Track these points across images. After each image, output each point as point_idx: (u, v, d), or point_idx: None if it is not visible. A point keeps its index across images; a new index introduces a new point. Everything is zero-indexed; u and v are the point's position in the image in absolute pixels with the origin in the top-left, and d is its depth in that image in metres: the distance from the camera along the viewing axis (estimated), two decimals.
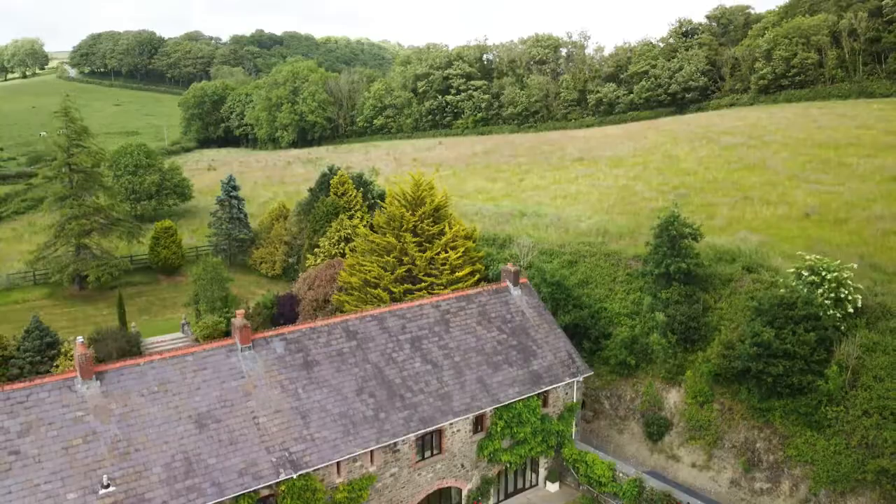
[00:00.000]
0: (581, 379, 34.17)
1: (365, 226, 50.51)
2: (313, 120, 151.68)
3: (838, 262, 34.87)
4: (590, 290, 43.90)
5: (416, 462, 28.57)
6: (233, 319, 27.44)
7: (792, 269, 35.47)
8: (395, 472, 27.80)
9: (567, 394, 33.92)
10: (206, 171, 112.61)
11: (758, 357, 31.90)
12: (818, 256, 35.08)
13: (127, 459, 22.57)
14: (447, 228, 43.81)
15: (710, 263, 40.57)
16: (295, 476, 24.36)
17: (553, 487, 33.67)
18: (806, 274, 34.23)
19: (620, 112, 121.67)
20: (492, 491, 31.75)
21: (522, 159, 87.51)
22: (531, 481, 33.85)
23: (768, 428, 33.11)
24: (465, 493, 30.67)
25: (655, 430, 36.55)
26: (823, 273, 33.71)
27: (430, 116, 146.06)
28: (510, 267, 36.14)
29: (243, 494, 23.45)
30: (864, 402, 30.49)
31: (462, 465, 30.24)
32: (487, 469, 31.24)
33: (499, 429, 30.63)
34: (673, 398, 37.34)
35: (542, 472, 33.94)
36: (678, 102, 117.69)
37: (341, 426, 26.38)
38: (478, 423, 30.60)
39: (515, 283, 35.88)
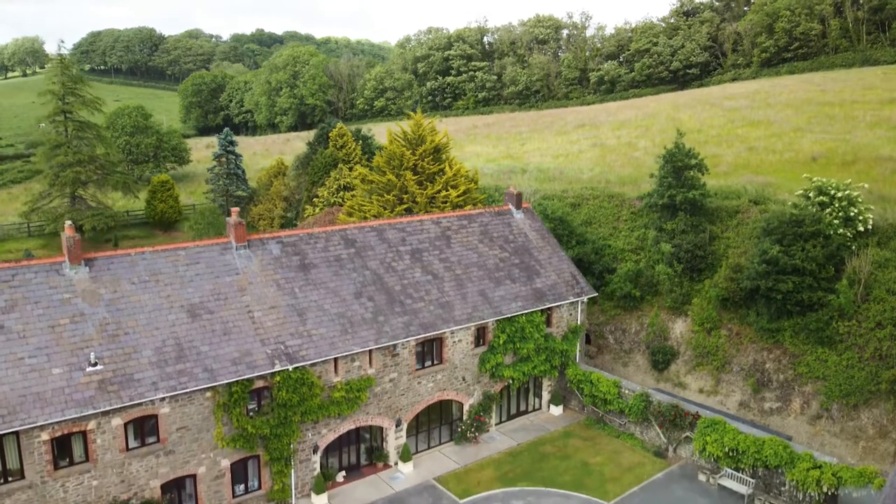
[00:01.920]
0: (585, 300, 33.34)
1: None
2: (313, 103, 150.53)
3: (848, 180, 34.14)
4: (593, 229, 43.13)
5: (416, 370, 27.71)
6: (227, 218, 26.65)
7: (800, 191, 34.69)
8: (394, 378, 26.95)
9: (571, 315, 33.07)
10: (205, 147, 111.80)
11: (766, 275, 31.11)
12: (826, 179, 34.31)
13: (116, 341, 21.75)
14: (448, 168, 42.99)
15: (715, 194, 39.87)
16: (290, 368, 23.53)
17: (557, 411, 32.79)
18: (814, 195, 33.44)
19: (622, 90, 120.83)
20: (494, 409, 30.83)
21: (524, 128, 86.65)
22: (534, 405, 32.99)
23: (777, 349, 32.28)
24: (466, 407, 29.78)
25: (661, 358, 35.74)
26: (833, 192, 32.94)
27: (430, 98, 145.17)
28: (512, 190, 35.33)
29: (236, 382, 22.62)
30: (878, 315, 29.69)
31: (463, 379, 29.37)
32: (490, 385, 30.38)
33: (501, 342, 29.77)
34: (679, 328, 36.53)
35: (546, 396, 33.07)
36: (680, 79, 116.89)
37: (339, 325, 25.56)
38: (479, 336, 29.73)
39: (518, 207, 35.08)
